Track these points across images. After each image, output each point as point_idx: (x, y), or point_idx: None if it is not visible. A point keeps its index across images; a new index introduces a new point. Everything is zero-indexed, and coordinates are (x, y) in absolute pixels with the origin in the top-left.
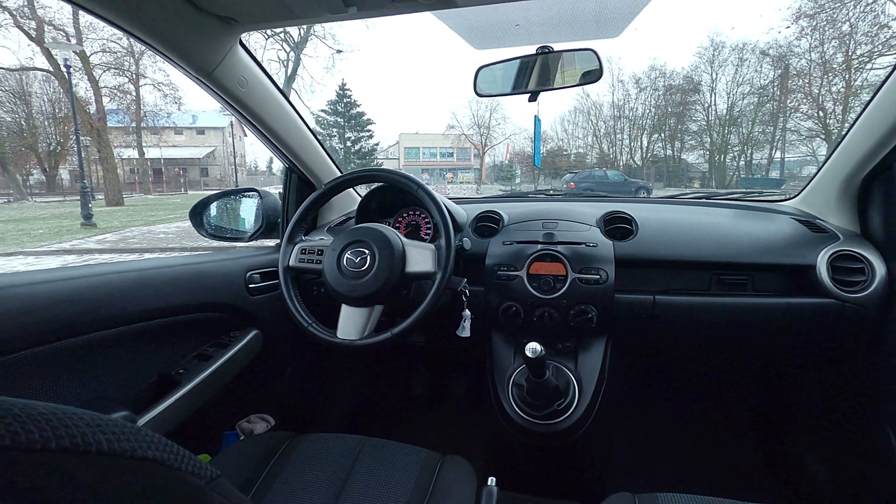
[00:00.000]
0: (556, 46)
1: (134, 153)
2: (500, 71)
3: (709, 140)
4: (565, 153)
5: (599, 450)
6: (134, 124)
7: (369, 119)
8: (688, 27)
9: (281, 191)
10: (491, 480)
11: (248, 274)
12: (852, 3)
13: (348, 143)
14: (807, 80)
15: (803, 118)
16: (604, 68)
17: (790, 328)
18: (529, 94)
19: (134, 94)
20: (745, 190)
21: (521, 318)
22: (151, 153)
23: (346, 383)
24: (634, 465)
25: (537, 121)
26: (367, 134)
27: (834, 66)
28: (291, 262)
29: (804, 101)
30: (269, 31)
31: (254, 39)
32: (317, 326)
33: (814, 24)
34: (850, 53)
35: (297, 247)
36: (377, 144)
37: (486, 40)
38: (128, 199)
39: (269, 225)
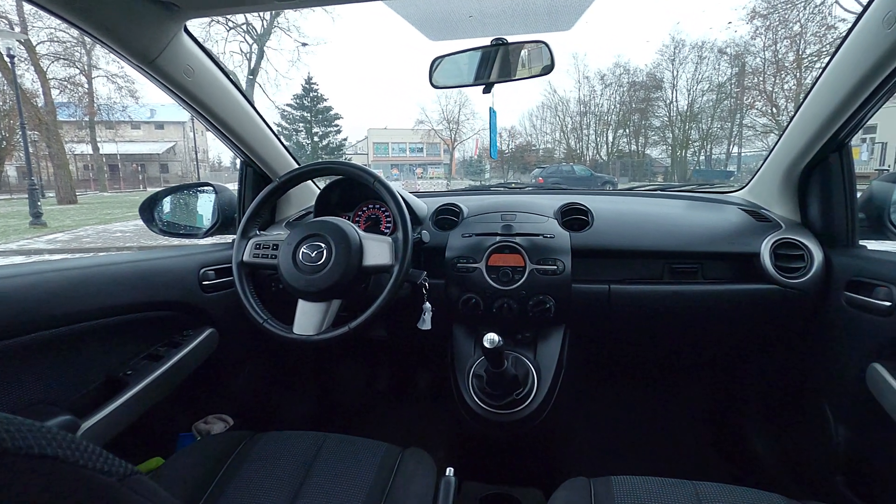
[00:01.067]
0: (511, 39)
1: (87, 149)
2: (455, 62)
3: (671, 135)
4: (534, 148)
5: (558, 437)
6: (87, 118)
7: (337, 114)
8: (651, 24)
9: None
10: (449, 471)
11: (202, 271)
12: (802, 4)
13: (316, 139)
14: (761, 78)
15: (758, 115)
16: (555, 61)
17: (737, 313)
18: (484, 86)
19: (86, 86)
20: (697, 182)
21: (480, 309)
22: (107, 148)
23: (308, 380)
24: (592, 451)
25: (492, 113)
26: (335, 129)
27: (786, 64)
28: (245, 258)
29: (759, 98)
30: (231, 22)
31: (215, 31)
32: (272, 322)
33: (767, 23)
34: (800, 53)
35: (251, 241)
36: (345, 139)
37: (441, 31)
38: (82, 196)
39: (225, 220)
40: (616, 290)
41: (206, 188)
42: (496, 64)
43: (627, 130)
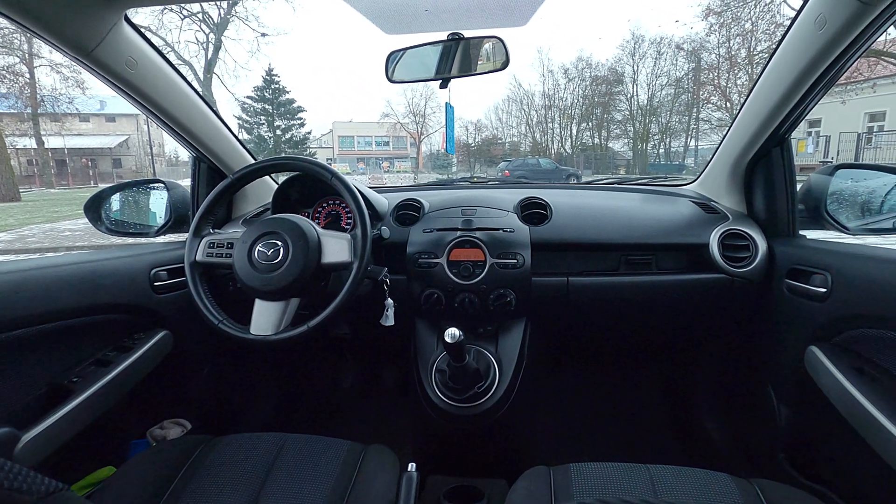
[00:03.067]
0: (467, 34)
1: (31, 142)
2: (411, 56)
3: (632, 129)
4: (500, 142)
5: (520, 428)
6: (29, 110)
7: (300, 106)
8: (605, 20)
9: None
10: (411, 466)
11: (154, 271)
12: (753, 2)
13: (278, 132)
14: (716, 74)
15: (714, 109)
16: (510, 57)
17: (689, 302)
18: (441, 81)
19: (28, 76)
20: (653, 175)
21: (442, 304)
22: (53, 142)
23: (271, 380)
24: (554, 440)
25: (449, 108)
26: (299, 122)
27: (739, 60)
28: (198, 257)
29: (714, 93)
30: (185, 10)
31: (168, 19)
32: (228, 323)
33: (721, 21)
34: (751, 49)
35: (204, 240)
36: (309, 133)
37: (397, 25)
38: (26, 193)
39: (178, 218)
40: (574, 283)
41: (157, 185)
42: (452, 59)
43: (591, 124)
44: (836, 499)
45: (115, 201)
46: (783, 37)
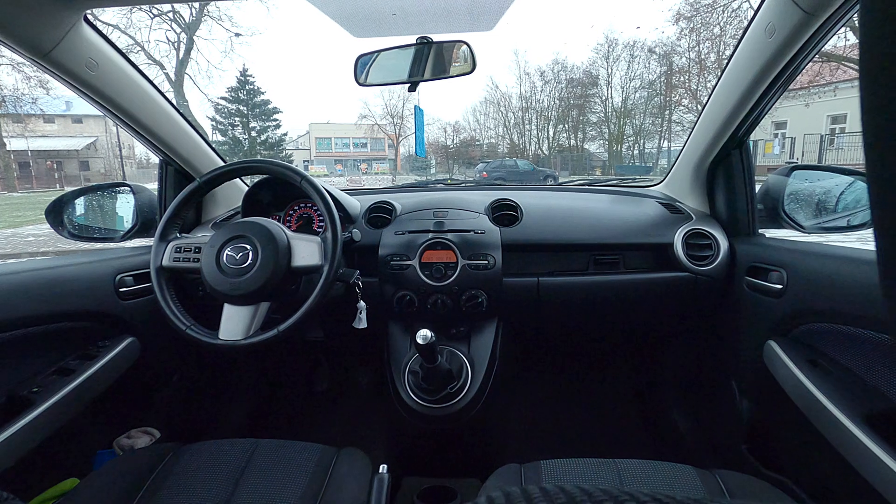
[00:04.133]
0: (435, 38)
1: None
2: (379, 60)
3: (607, 131)
4: (478, 143)
5: (493, 427)
6: None
7: (276, 108)
8: (587, 23)
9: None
10: (382, 468)
11: (119, 277)
12: (722, 8)
13: (253, 133)
14: (687, 77)
15: (685, 111)
16: (477, 61)
17: (655, 300)
18: (409, 85)
19: None
20: (622, 177)
21: (415, 306)
22: (15, 144)
23: (243, 386)
24: (527, 438)
25: (418, 111)
26: (274, 123)
27: (708, 64)
28: (165, 262)
29: (685, 95)
30: (155, 10)
31: (137, 18)
32: (197, 328)
33: (691, 25)
34: (720, 54)
35: (171, 245)
36: (285, 134)
37: (365, 28)
38: None
39: (145, 223)
40: (544, 283)
41: (122, 189)
42: (420, 63)
43: (567, 126)
44: (794, 487)
45: (79, 205)
46: (738, 44)
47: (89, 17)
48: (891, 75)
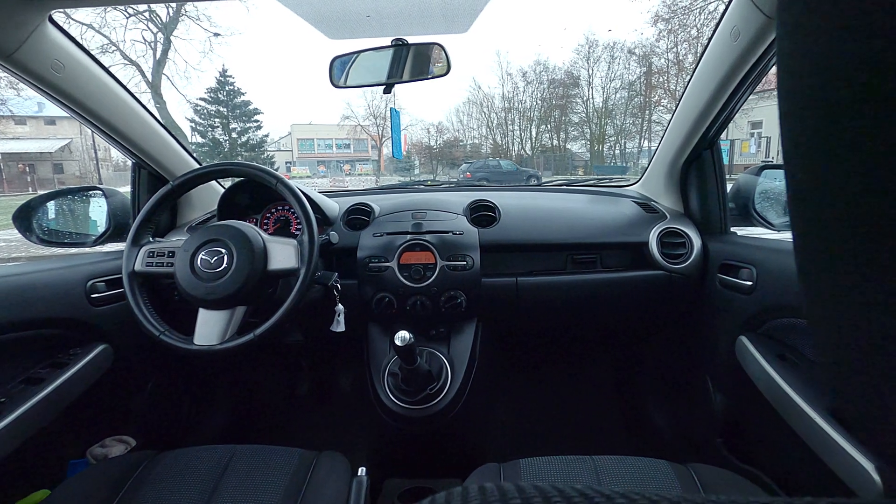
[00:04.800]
0: (411, 40)
1: None
2: (354, 62)
3: (589, 131)
4: (461, 144)
5: (474, 427)
6: None
7: (256, 108)
8: (568, 24)
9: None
10: (361, 471)
11: (91, 283)
12: (698, 10)
13: (234, 135)
14: (666, 78)
15: (665, 111)
16: (451, 64)
17: (632, 298)
18: (384, 87)
19: None
20: (600, 177)
21: (394, 307)
22: None
23: (222, 391)
24: (507, 437)
25: (394, 113)
26: (255, 124)
27: (686, 65)
28: (137, 267)
29: (664, 96)
30: (131, 9)
31: (111, 17)
32: (171, 334)
33: (669, 27)
34: (697, 55)
35: (143, 249)
36: (267, 136)
37: (339, 30)
38: None
39: (118, 227)
40: (523, 283)
41: (94, 192)
42: (395, 65)
43: (549, 126)
44: (766, 479)
45: (50, 210)
46: (705, 47)
47: (55, 17)
48: (801, 89)
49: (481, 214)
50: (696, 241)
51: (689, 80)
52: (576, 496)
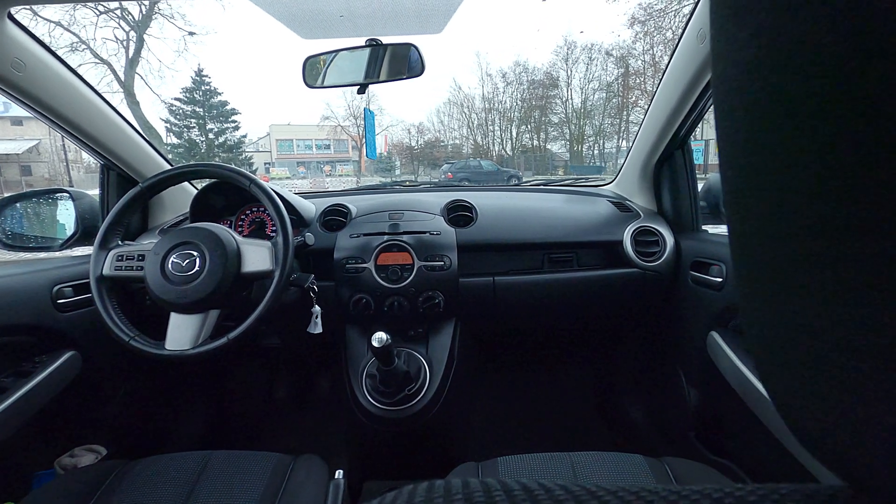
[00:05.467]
0: (385, 40)
1: None
2: (328, 62)
3: (568, 131)
4: (442, 144)
5: (453, 427)
6: None
7: (234, 109)
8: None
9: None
10: (338, 473)
11: (57, 288)
12: (673, 13)
13: (211, 136)
14: (642, 79)
15: (642, 112)
16: (425, 64)
17: (608, 296)
18: (358, 87)
19: None
20: (576, 176)
21: (371, 309)
22: None
23: (199, 397)
24: (486, 436)
25: (368, 113)
26: (233, 125)
27: (662, 67)
28: (105, 271)
29: (641, 96)
30: (101, 6)
31: (81, 15)
32: (141, 339)
33: (645, 29)
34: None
35: (112, 253)
36: (245, 136)
37: (313, 30)
38: None
39: (86, 231)
40: (500, 282)
41: (61, 195)
42: (372, 65)
43: (529, 126)
44: (738, 470)
45: (13, 213)
46: (674, 49)
47: (15, 15)
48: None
49: (458, 214)
50: (669, 240)
51: (660, 81)
52: (534, 489)
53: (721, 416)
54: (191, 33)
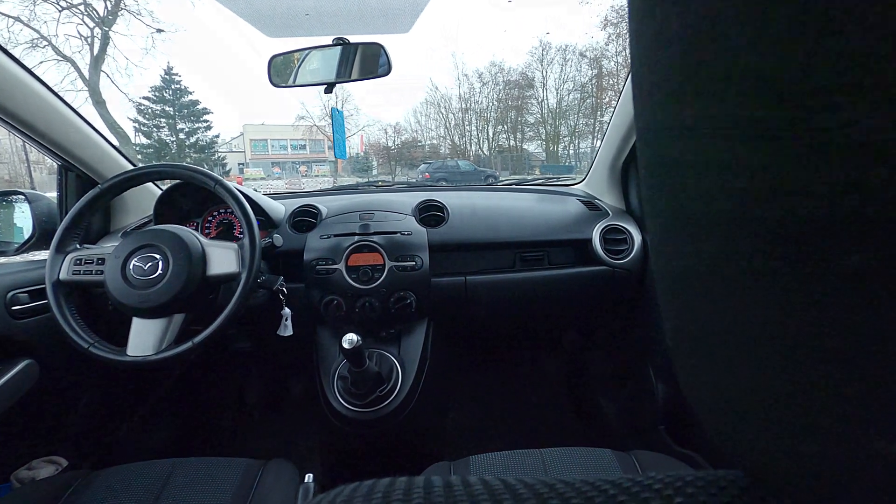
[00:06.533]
0: (352, 39)
1: None
2: (294, 61)
3: (544, 131)
4: (419, 144)
5: (426, 427)
6: None
7: (205, 108)
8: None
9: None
10: (308, 477)
11: (11, 294)
12: None
13: (182, 136)
14: (616, 80)
15: None
16: (392, 64)
17: (578, 293)
18: (325, 87)
19: None
20: (548, 176)
21: (343, 310)
22: None
23: (167, 403)
24: (460, 436)
25: (336, 113)
26: (205, 125)
27: None
28: (63, 276)
29: (615, 97)
30: (63, 2)
31: (42, 10)
32: (101, 345)
33: (618, 31)
34: None
35: (69, 256)
36: (217, 136)
37: (278, 28)
38: None
39: (43, 234)
40: (472, 281)
41: (16, 197)
42: (340, 64)
43: (506, 126)
44: (701, 460)
45: None
46: None
47: None
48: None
49: (430, 214)
50: (637, 237)
51: (625, 82)
52: (497, 485)
53: (687, 409)
54: (159, 30)
